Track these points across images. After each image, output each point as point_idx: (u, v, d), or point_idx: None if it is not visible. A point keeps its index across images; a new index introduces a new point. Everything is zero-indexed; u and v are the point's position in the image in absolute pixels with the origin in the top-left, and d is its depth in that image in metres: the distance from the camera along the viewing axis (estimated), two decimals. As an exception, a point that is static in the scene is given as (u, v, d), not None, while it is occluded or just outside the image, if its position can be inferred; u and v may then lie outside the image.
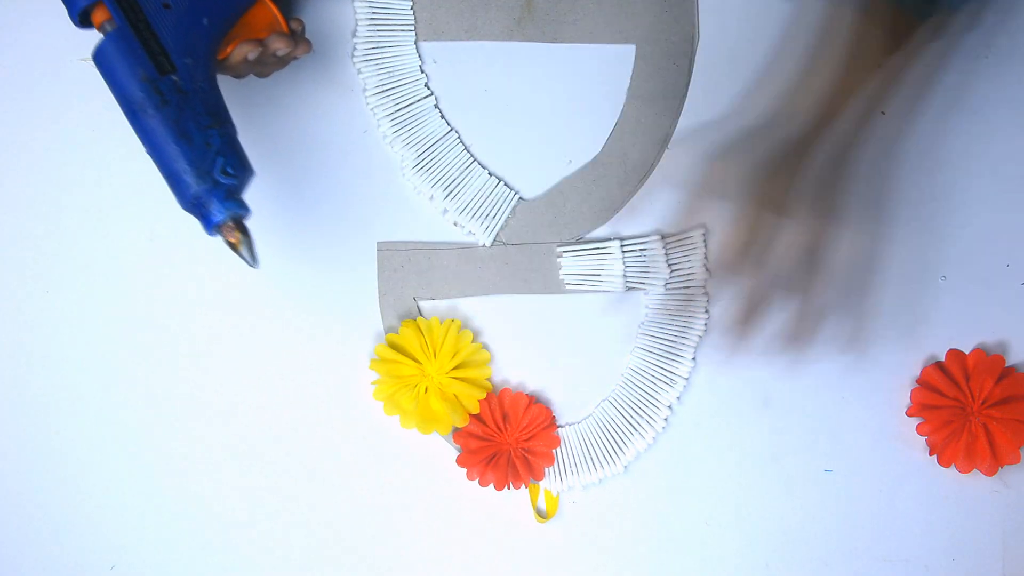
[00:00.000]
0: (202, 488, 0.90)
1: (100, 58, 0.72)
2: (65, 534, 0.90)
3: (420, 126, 0.89)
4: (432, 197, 0.89)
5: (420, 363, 0.88)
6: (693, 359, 0.90)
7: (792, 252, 0.80)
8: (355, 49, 0.88)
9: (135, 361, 0.89)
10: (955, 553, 0.92)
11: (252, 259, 0.74)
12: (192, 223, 0.86)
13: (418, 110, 0.89)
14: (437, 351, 0.88)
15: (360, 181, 0.89)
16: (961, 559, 0.92)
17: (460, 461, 0.89)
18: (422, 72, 0.89)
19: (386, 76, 0.89)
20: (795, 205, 0.79)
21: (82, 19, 0.74)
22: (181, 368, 0.89)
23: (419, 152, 0.89)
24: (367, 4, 0.88)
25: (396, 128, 0.89)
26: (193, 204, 0.73)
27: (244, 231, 0.74)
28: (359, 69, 0.88)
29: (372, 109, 0.89)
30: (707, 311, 0.90)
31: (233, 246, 0.74)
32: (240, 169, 0.74)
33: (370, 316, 0.90)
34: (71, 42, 0.87)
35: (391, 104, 0.89)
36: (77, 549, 0.90)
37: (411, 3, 0.88)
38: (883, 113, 0.89)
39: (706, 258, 0.90)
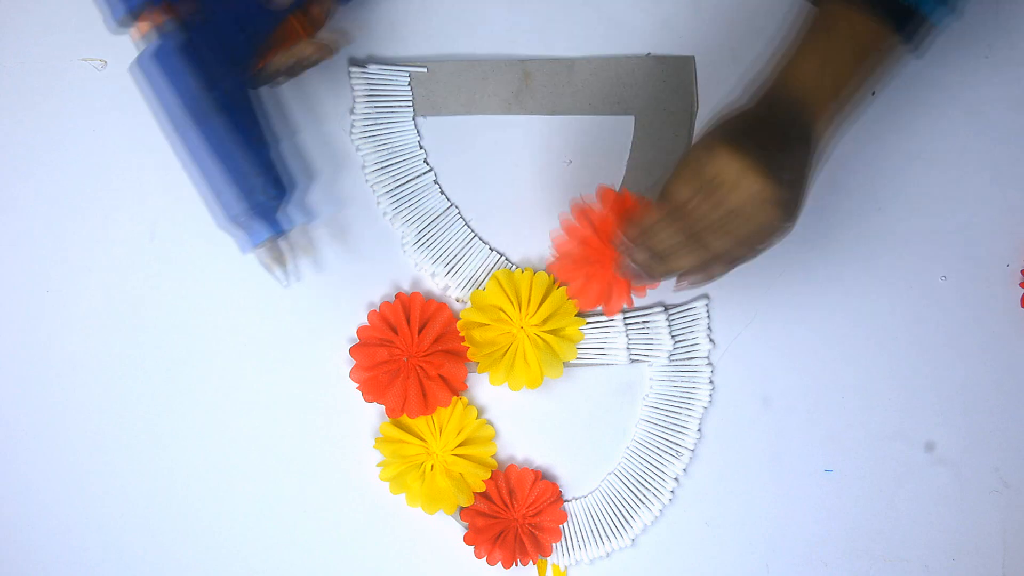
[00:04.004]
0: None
1: (144, 68, 0.70)
2: (63, 532, 0.90)
3: (420, 202, 0.89)
4: (434, 274, 0.89)
5: (425, 441, 0.88)
6: (698, 431, 0.90)
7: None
8: (353, 126, 0.88)
9: (135, 361, 0.89)
10: (955, 553, 0.92)
11: (286, 279, 0.74)
12: (193, 224, 0.86)
13: (418, 186, 0.89)
14: (443, 428, 0.88)
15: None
16: (961, 559, 0.92)
17: (467, 539, 0.89)
18: (421, 148, 0.89)
19: (385, 152, 0.88)
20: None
21: (122, 24, 0.72)
22: (181, 366, 0.89)
23: (419, 228, 0.89)
24: (364, 81, 0.87)
25: (396, 205, 0.88)
26: (233, 222, 0.72)
27: (282, 251, 0.74)
28: (358, 146, 0.88)
29: (372, 186, 0.88)
30: (711, 382, 0.90)
31: (268, 266, 0.73)
32: (282, 189, 0.73)
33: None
34: (71, 42, 0.87)
35: (391, 181, 0.88)
36: (76, 548, 0.90)
37: (408, 79, 0.88)
38: (872, 94, 0.88)
39: (709, 328, 0.91)
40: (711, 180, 0.73)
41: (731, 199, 0.72)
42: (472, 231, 0.89)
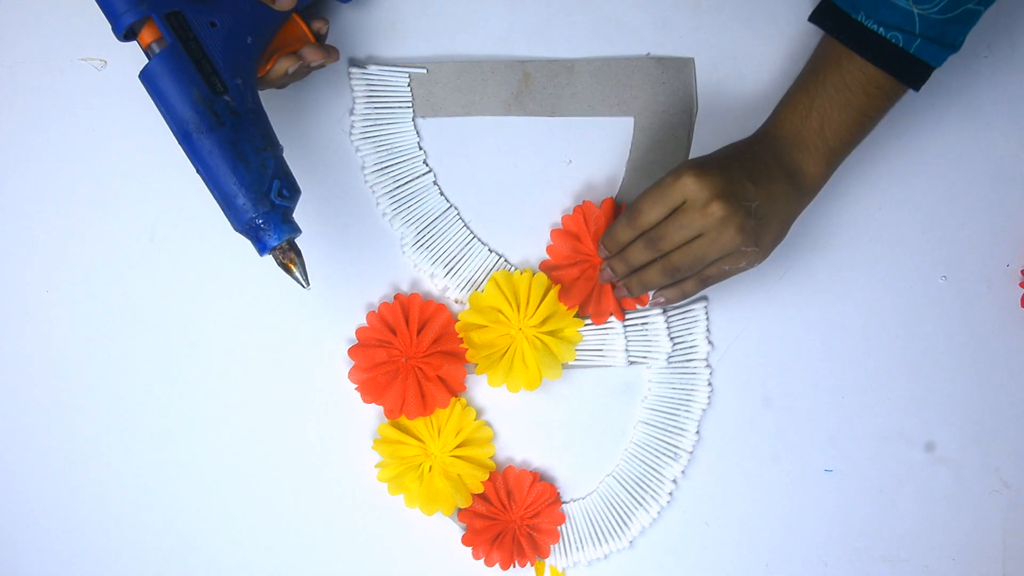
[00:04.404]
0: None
1: (150, 78, 0.70)
2: (62, 532, 0.90)
3: (419, 203, 0.89)
4: (433, 275, 0.89)
5: (423, 442, 0.88)
6: (697, 432, 0.90)
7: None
8: (353, 127, 0.88)
9: (134, 362, 0.89)
10: (955, 553, 0.92)
11: (305, 280, 0.74)
12: (193, 225, 0.86)
13: (417, 187, 0.89)
14: (441, 429, 0.88)
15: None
16: (961, 559, 0.92)
17: (465, 540, 0.89)
18: (420, 149, 0.89)
19: (385, 153, 0.88)
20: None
21: (127, 35, 0.72)
22: (181, 367, 0.89)
23: (419, 230, 0.89)
24: (364, 82, 0.87)
25: (395, 206, 0.88)
26: (249, 227, 0.71)
27: (298, 252, 0.73)
28: (357, 147, 0.88)
29: (371, 187, 0.88)
30: (710, 384, 0.90)
31: (287, 268, 0.73)
32: (293, 191, 0.73)
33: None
34: (71, 42, 0.87)
35: (390, 181, 0.88)
36: (74, 547, 0.90)
37: (408, 80, 0.88)
38: None
39: (708, 331, 0.91)
40: (679, 204, 0.78)
41: (695, 223, 0.78)
42: (471, 232, 0.89)
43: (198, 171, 0.71)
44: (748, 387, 0.91)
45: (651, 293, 0.85)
